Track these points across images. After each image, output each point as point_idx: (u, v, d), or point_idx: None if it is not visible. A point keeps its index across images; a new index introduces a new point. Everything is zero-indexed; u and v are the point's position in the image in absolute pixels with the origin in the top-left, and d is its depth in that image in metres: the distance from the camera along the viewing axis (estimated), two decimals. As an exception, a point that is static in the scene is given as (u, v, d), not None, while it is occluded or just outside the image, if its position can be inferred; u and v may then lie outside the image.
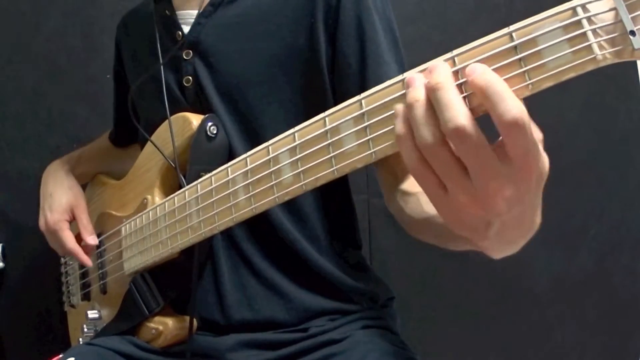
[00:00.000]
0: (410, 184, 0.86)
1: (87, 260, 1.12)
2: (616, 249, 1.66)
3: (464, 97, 0.51)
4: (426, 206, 0.78)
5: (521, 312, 1.63)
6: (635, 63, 1.51)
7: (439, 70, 0.52)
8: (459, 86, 0.52)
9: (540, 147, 0.52)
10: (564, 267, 1.64)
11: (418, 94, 0.52)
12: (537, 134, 0.51)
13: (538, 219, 0.60)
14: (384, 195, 0.96)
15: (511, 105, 0.47)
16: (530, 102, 0.50)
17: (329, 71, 0.95)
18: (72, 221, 1.16)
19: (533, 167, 0.50)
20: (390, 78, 0.80)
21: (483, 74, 0.49)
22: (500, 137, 0.49)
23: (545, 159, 0.52)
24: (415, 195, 0.83)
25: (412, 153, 0.53)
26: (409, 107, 0.53)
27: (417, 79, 0.53)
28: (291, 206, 0.95)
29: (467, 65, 0.51)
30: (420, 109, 0.52)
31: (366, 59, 0.91)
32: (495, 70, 0.50)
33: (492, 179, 0.50)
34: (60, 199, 1.16)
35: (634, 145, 1.67)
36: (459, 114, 0.49)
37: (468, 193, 0.52)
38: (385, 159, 0.61)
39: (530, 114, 0.47)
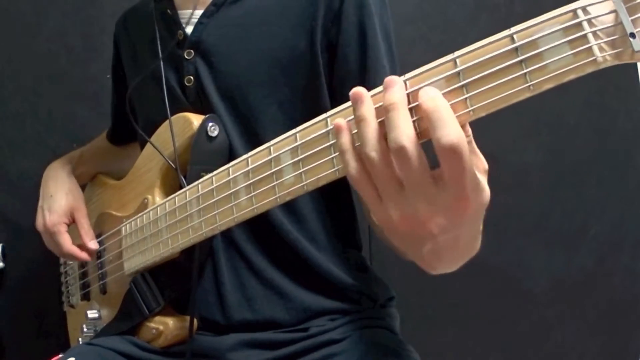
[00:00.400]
0: None
1: (86, 256, 1.12)
2: (616, 249, 1.66)
3: (415, 121, 0.54)
4: None
5: (521, 312, 1.63)
6: (635, 64, 1.51)
7: (395, 90, 0.54)
8: (412, 109, 0.54)
9: (482, 179, 0.55)
10: (564, 267, 1.64)
11: (367, 110, 0.55)
12: (482, 165, 0.55)
13: (476, 244, 0.62)
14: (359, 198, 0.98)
15: (450, 131, 0.49)
16: (531, 102, 0.50)
17: (327, 74, 0.95)
18: (71, 224, 1.16)
19: (469, 198, 0.53)
20: None
21: (432, 99, 0.51)
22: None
23: (483, 192, 0.55)
24: None
25: (354, 162, 0.56)
26: (357, 121, 0.55)
27: (366, 95, 0.56)
28: (291, 206, 0.96)
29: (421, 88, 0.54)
30: (367, 126, 0.55)
31: (366, 66, 0.92)
32: (496, 72, 0.51)
33: (424, 201, 0.53)
34: (60, 201, 1.16)
35: (634, 145, 1.67)
36: (403, 134, 0.52)
37: (399, 208, 0.55)
38: None
39: (530, 113, 0.48)
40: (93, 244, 1.11)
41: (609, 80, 1.62)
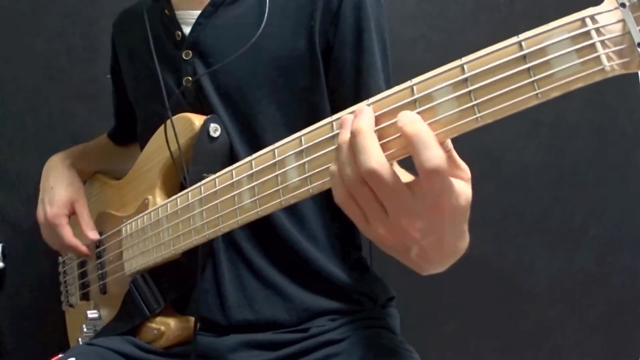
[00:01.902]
0: None
1: (87, 251, 1.12)
2: (616, 249, 1.67)
3: (387, 141, 0.56)
4: None
5: (521, 312, 1.63)
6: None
7: (362, 116, 0.56)
8: (385, 128, 0.56)
9: (460, 184, 0.58)
10: (564, 267, 1.64)
11: (344, 137, 0.57)
12: (465, 175, 0.59)
13: (462, 244, 0.63)
14: None
15: (433, 155, 0.51)
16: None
17: (325, 74, 0.95)
18: (72, 215, 1.15)
19: (445, 205, 0.55)
20: (379, 86, 0.89)
21: (412, 123, 0.53)
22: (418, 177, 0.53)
23: (460, 197, 0.57)
24: None
25: (340, 188, 0.58)
26: (337, 148, 0.58)
27: (347, 121, 0.57)
28: (292, 207, 0.96)
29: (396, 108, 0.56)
30: (344, 151, 0.57)
31: (361, 68, 0.93)
32: (504, 79, 0.51)
33: (404, 214, 0.55)
34: (60, 192, 1.15)
35: (634, 145, 1.68)
36: (371, 157, 0.54)
37: (385, 226, 0.57)
38: None
39: (530, 113, 0.48)
40: (93, 234, 1.11)
41: (609, 80, 1.60)
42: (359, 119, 0.56)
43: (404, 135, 0.53)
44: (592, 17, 0.47)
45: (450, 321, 1.61)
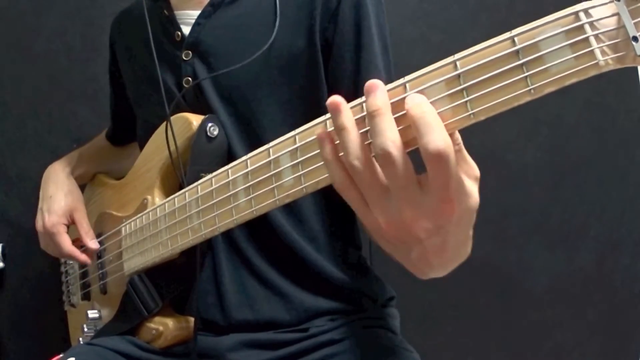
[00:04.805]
0: None
1: (86, 259, 1.12)
2: (616, 249, 1.66)
3: (401, 129, 0.53)
4: None
5: (521, 312, 1.63)
6: (635, 64, 1.52)
7: (377, 95, 0.54)
8: (396, 118, 0.54)
9: (471, 185, 0.55)
10: (564, 267, 1.64)
11: (346, 119, 0.55)
12: (473, 172, 0.55)
13: (466, 249, 0.62)
14: None
15: (437, 137, 0.49)
16: (530, 102, 0.50)
17: (325, 73, 0.95)
18: (70, 225, 1.16)
19: (454, 203, 0.53)
20: None
21: (418, 106, 0.51)
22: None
23: (470, 198, 0.55)
24: None
25: (338, 172, 0.57)
26: (338, 131, 0.55)
27: (343, 104, 0.56)
28: (291, 207, 0.96)
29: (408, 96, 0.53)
30: (347, 134, 0.55)
31: (360, 67, 0.92)
32: (497, 75, 0.50)
33: (409, 205, 0.53)
34: (59, 202, 1.16)
35: (634, 145, 1.68)
36: (389, 140, 0.52)
37: (385, 213, 0.55)
38: None
39: (529, 113, 0.47)
40: (93, 244, 1.11)
41: (609, 80, 1.62)
42: (376, 97, 0.54)
43: (409, 117, 0.51)
44: (585, 11, 0.47)
45: (450, 321, 1.60)
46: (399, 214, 0.54)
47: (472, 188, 0.56)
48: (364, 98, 0.56)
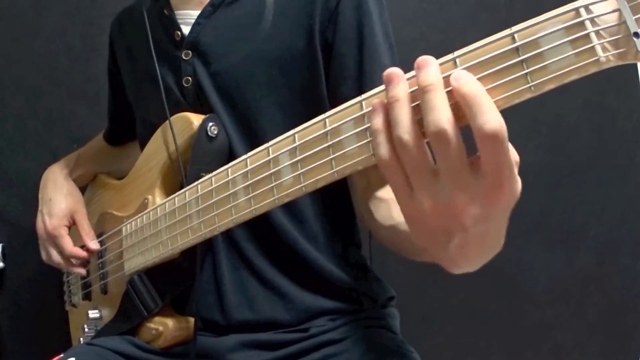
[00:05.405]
0: (385, 192, 0.90)
1: (82, 271, 1.13)
2: (616, 249, 1.66)
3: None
4: (395, 214, 0.82)
5: (521, 312, 1.63)
6: (635, 63, 1.52)
7: (430, 71, 0.51)
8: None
9: (515, 170, 0.52)
10: (564, 267, 1.64)
11: (400, 92, 0.53)
12: (514, 156, 0.51)
13: (500, 241, 0.59)
14: (352, 196, 1.00)
15: (492, 117, 0.47)
16: (530, 102, 0.50)
17: (326, 74, 0.95)
18: (71, 226, 1.16)
19: (504, 188, 0.50)
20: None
21: (468, 84, 0.49)
22: (478, 153, 0.49)
23: (517, 183, 0.52)
24: (387, 202, 0.86)
25: (385, 146, 0.54)
26: (391, 102, 0.53)
27: (401, 76, 0.54)
28: (291, 207, 0.96)
29: (451, 74, 0.51)
30: (401, 106, 0.52)
31: (364, 65, 0.92)
32: (497, 72, 0.50)
33: (460, 189, 0.51)
34: (60, 204, 1.16)
35: (634, 145, 1.67)
36: (443, 117, 0.49)
37: (433, 197, 0.52)
38: None
39: (530, 113, 0.47)
40: (94, 245, 1.11)
41: (609, 80, 1.62)
42: (429, 73, 0.51)
43: (458, 97, 0.49)
44: (586, 7, 0.46)
45: (450, 321, 1.60)
46: (448, 198, 0.51)
47: (517, 175, 0.53)
48: (411, 73, 0.53)
